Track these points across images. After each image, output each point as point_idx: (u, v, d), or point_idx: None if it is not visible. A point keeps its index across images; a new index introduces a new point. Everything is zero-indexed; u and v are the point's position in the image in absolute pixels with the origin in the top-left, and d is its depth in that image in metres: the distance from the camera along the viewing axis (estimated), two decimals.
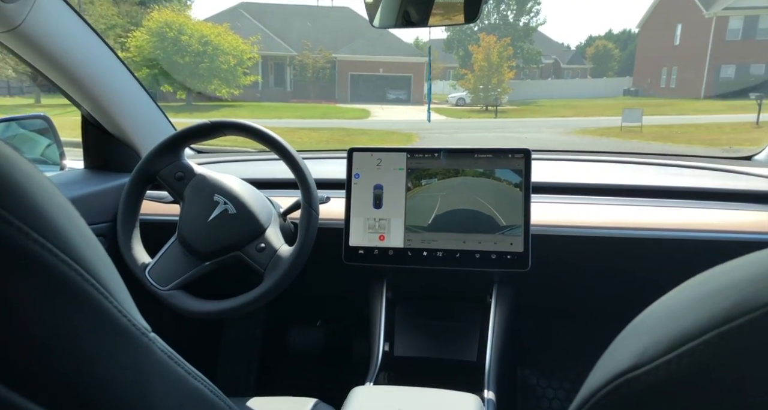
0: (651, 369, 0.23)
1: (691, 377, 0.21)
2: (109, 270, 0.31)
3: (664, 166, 1.28)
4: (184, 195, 1.00)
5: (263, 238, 0.97)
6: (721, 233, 0.99)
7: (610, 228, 1.02)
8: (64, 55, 1.03)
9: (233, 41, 16.91)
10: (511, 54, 23.73)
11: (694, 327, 0.22)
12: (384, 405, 0.73)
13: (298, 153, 0.98)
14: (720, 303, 0.22)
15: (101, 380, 0.29)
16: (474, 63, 22.26)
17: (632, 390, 0.23)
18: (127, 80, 1.22)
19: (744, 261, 0.24)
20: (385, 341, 1.04)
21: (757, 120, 11.55)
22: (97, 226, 1.12)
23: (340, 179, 1.06)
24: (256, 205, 1.00)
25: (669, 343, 0.23)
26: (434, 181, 1.01)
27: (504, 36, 24.86)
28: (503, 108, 20.78)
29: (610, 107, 16.73)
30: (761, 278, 0.21)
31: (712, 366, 0.21)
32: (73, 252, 0.27)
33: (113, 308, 0.30)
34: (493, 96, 21.62)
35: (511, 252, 0.97)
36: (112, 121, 1.20)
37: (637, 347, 0.24)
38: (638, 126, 11.41)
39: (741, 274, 0.23)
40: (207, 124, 1.01)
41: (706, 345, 0.21)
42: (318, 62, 23.80)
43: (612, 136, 10.73)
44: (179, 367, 0.36)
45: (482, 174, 0.99)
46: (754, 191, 1.10)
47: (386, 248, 1.01)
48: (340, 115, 16.55)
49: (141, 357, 0.32)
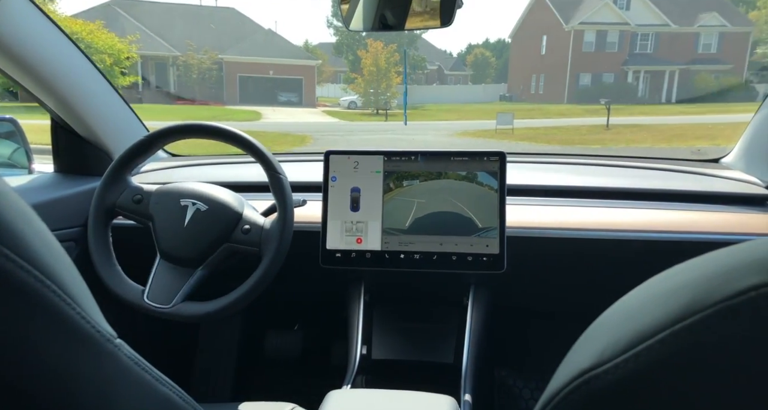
0: (610, 368, 0.23)
1: (648, 375, 0.22)
2: (72, 276, 0.31)
3: (635, 169, 1.30)
4: (150, 213, 0.98)
5: (244, 220, 0.97)
6: (688, 234, 1.01)
7: (583, 230, 1.04)
8: (31, 55, 1.00)
9: (108, 39, 15.82)
10: (398, 60, 24.77)
11: (650, 325, 0.22)
12: (359, 408, 0.73)
13: (273, 155, 0.97)
14: (675, 302, 0.22)
15: (63, 386, 0.28)
16: (363, 68, 22.93)
17: (593, 389, 0.24)
18: (97, 81, 1.19)
19: (699, 260, 0.24)
20: (363, 344, 1.03)
21: (606, 123, 13.32)
22: (68, 231, 1.10)
23: (317, 182, 1.04)
24: (224, 195, 0.99)
25: (627, 342, 0.23)
26: (411, 183, 1.01)
27: (390, 42, 25.85)
28: (393, 111, 21.65)
29: (488, 111, 18.20)
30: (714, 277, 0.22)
31: (668, 364, 0.21)
32: (32, 258, 0.26)
33: (75, 314, 0.29)
34: (383, 100, 22.44)
35: (487, 254, 0.97)
36: (83, 123, 1.17)
37: (597, 347, 0.25)
38: (510, 128, 12.62)
39: (695, 274, 0.23)
40: (142, 141, 1.00)
41: (662, 344, 0.21)
42: (204, 63, 22.99)
43: (488, 138, 11.78)
44: (146, 373, 0.36)
45: (458, 176, 1.00)
46: (719, 193, 1.12)
47: (364, 251, 1.00)
48: (230, 117, 16.21)
49: (105, 363, 0.32)
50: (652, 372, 0.22)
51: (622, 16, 26.40)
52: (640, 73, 27.07)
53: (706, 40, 27.12)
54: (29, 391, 0.27)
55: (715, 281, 0.22)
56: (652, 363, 0.22)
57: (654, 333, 0.22)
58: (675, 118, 15.21)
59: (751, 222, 1.04)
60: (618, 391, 0.23)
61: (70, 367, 0.29)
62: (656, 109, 20.35)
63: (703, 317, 0.21)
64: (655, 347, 0.22)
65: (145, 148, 1.00)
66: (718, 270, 0.22)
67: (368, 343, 1.05)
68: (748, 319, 0.20)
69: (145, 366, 0.36)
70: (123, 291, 0.95)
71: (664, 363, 0.21)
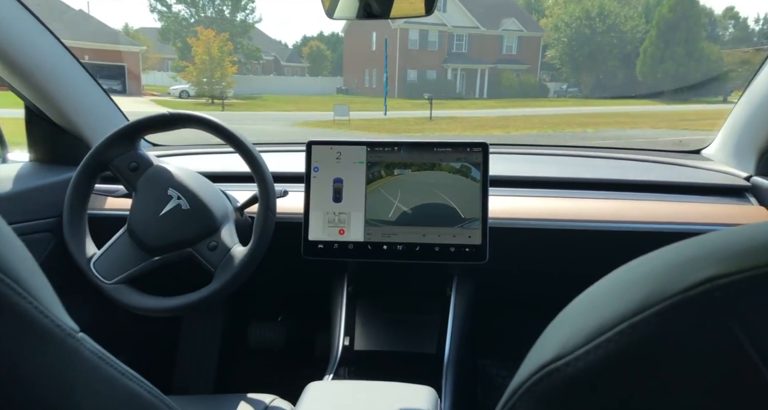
0: (571, 360, 0.23)
1: (608, 366, 0.22)
2: (29, 269, 0.30)
3: (616, 160, 1.31)
4: (137, 186, 0.97)
5: (216, 236, 0.95)
6: (668, 224, 1.02)
7: (565, 221, 1.05)
8: (4, 41, 0.97)
9: None
10: (232, 49, 24.20)
11: (610, 317, 0.22)
12: (338, 400, 0.73)
13: (254, 146, 0.96)
14: (636, 293, 0.22)
15: (20, 381, 0.28)
16: (195, 56, 21.96)
17: (555, 380, 0.24)
18: (73, 68, 1.15)
19: (661, 252, 0.24)
20: (346, 335, 1.04)
21: (430, 115, 14.96)
22: (43, 221, 1.08)
23: (299, 173, 1.03)
24: (212, 202, 0.97)
25: (588, 334, 0.23)
26: (394, 174, 1.00)
27: (222, 31, 25.07)
28: (229, 101, 21.19)
29: (326, 103, 18.93)
30: (673, 268, 0.22)
31: (627, 355, 0.21)
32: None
33: (32, 308, 0.28)
34: (218, 89, 21.79)
35: (469, 245, 0.97)
36: (59, 111, 1.13)
37: (560, 338, 0.25)
38: (347, 120, 13.49)
39: (656, 264, 0.23)
40: (166, 116, 0.98)
41: (621, 335, 0.21)
42: None
43: (325, 128, 12.48)
44: (111, 368, 0.35)
45: (441, 167, 0.99)
46: (699, 184, 1.13)
47: (346, 242, 1.00)
48: None
49: (66, 358, 0.31)
50: (612, 363, 0.22)
51: (440, 17, 29.16)
52: (458, 70, 30.28)
53: (508, 43, 31.37)
54: None
55: (673, 272, 0.22)
56: (612, 355, 0.22)
57: (614, 325, 0.22)
58: (484, 111, 17.71)
59: (731, 212, 1.05)
60: (579, 383, 0.23)
61: (28, 363, 0.28)
62: (471, 104, 23.20)
63: (660, 309, 0.21)
64: (614, 338, 0.22)
65: (164, 122, 0.98)
66: (678, 261, 0.22)
67: (351, 334, 1.05)
68: (703, 311, 0.20)
69: (110, 360, 0.35)
70: (76, 248, 0.95)
71: (624, 355, 0.22)
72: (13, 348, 0.27)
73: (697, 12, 28.38)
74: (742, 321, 0.19)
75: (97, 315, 1.10)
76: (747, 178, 1.13)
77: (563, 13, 31.34)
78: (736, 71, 32.57)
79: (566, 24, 30.71)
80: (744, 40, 42.60)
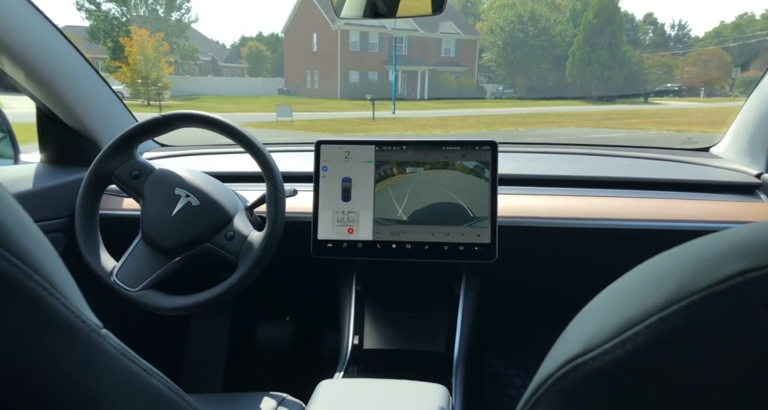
0: (598, 354, 0.23)
1: (636, 360, 0.22)
2: (56, 265, 0.30)
3: (625, 158, 1.31)
4: (144, 192, 0.97)
5: (231, 226, 0.96)
6: (679, 222, 1.02)
7: (575, 219, 1.04)
8: (16, 43, 0.98)
9: None
10: (168, 50, 23.50)
11: (638, 312, 0.23)
12: (351, 398, 0.73)
13: (262, 143, 0.97)
14: (663, 288, 0.22)
15: (46, 377, 0.28)
16: (129, 56, 21.18)
17: (581, 374, 0.24)
18: (83, 69, 1.16)
19: (687, 246, 0.25)
20: (355, 334, 1.04)
21: (372, 116, 15.25)
22: (55, 222, 1.09)
23: (308, 172, 1.04)
24: (220, 195, 0.99)
25: (615, 328, 0.23)
26: (403, 173, 1.01)
27: (157, 30, 24.29)
28: (167, 102, 20.60)
29: (267, 104, 18.84)
30: (701, 262, 0.22)
31: (655, 350, 0.22)
32: (13, 247, 0.26)
33: (59, 304, 0.29)
34: (154, 90, 21.13)
35: (478, 244, 0.97)
36: (70, 112, 1.14)
37: (586, 333, 0.25)
38: (290, 120, 13.54)
39: (683, 259, 0.23)
40: (158, 119, 0.98)
41: (649, 329, 0.22)
42: None
43: (269, 128, 12.49)
44: (133, 364, 0.36)
45: (450, 166, 1.00)
46: (709, 182, 1.13)
47: (355, 241, 1.00)
48: None
49: (90, 353, 0.32)
50: (640, 357, 0.22)
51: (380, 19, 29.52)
52: (399, 72, 30.82)
53: (446, 46, 32.26)
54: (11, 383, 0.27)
55: (701, 267, 0.22)
56: (640, 349, 0.22)
57: (642, 319, 0.22)
58: (425, 112, 18.25)
59: (740, 210, 1.05)
60: (606, 377, 0.23)
61: (54, 357, 0.29)
62: (413, 104, 23.74)
63: (689, 303, 0.21)
64: (643, 332, 0.22)
65: (157, 125, 0.98)
66: (705, 256, 0.22)
67: (360, 333, 1.05)
68: (734, 304, 0.20)
69: (132, 356, 0.36)
70: (95, 263, 0.95)
71: (652, 349, 0.22)
72: (39, 341, 0.28)
73: (620, 17, 30.34)
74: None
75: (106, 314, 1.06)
76: (758, 175, 1.12)
77: (498, 17, 32.62)
78: (654, 74, 35.05)
79: (501, 28, 31.99)
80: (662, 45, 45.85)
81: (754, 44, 45.42)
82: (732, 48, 44.85)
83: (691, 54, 44.14)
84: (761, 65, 39.13)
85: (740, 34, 47.12)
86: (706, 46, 46.03)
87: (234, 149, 1.35)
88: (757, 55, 43.27)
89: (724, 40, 47.13)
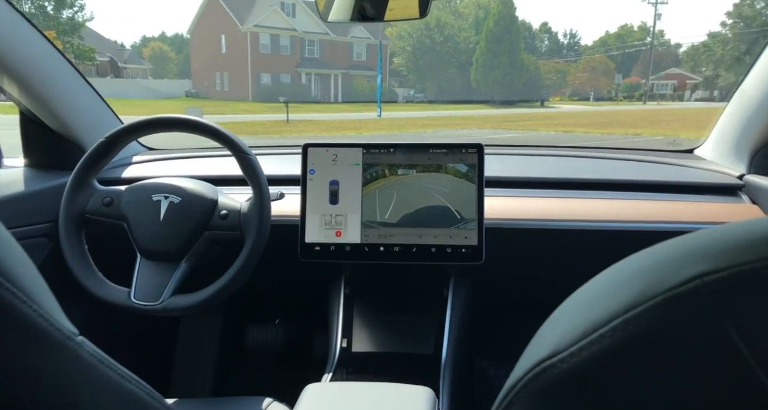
0: (566, 357, 0.24)
1: (602, 362, 0.22)
2: (29, 273, 0.30)
3: (610, 160, 1.31)
4: (123, 213, 0.97)
5: (220, 206, 0.97)
6: (662, 223, 1.03)
7: (561, 221, 1.05)
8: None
9: None
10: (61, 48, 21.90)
11: (603, 314, 0.23)
12: (336, 401, 0.73)
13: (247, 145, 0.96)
14: (629, 290, 0.23)
15: (20, 385, 0.28)
16: None
17: (550, 376, 0.24)
18: (67, 72, 1.15)
19: (653, 249, 0.25)
20: (343, 337, 1.04)
21: (287, 119, 15.28)
22: (40, 227, 1.08)
23: (295, 175, 1.04)
24: (196, 186, 0.99)
25: (582, 330, 0.23)
26: (390, 176, 1.01)
27: (46, 28, 22.55)
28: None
29: (174, 107, 18.17)
30: (666, 264, 0.22)
31: (620, 351, 0.22)
32: None
33: (32, 312, 0.29)
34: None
35: (465, 246, 0.98)
36: (54, 115, 1.13)
37: (555, 335, 0.25)
38: None
39: (648, 261, 0.24)
40: (103, 142, 0.98)
41: (614, 331, 0.22)
42: None
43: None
44: (111, 370, 0.35)
45: (437, 169, 1.00)
46: (692, 183, 1.14)
47: (343, 244, 1.00)
48: None
49: (66, 360, 0.31)
50: (606, 359, 0.22)
51: (290, 22, 29.51)
52: (311, 75, 30.91)
53: (358, 50, 32.83)
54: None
55: (664, 269, 0.22)
56: (605, 351, 0.22)
57: (607, 321, 0.22)
58: (339, 115, 18.60)
59: (723, 211, 1.06)
60: (574, 379, 0.24)
61: (28, 366, 0.28)
62: (327, 107, 23.96)
63: (653, 305, 0.21)
64: (608, 334, 0.22)
65: (107, 149, 0.98)
66: (668, 258, 0.23)
67: (348, 336, 1.06)
68: (693, 307, 0.20)
69: (109, 363, 0.36)
70: (108, 295, 0.94)
71: (617, 350, 0.22)
72: (11, 350, 0.27)
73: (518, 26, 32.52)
74: (732, 317, 0.20)
75: (94, 318, 1.09)
76: (740, 177, 1.14)
77: (405, 23, 33.68)
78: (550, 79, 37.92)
79: (409, 34, 33.12)
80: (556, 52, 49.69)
81: (632, 53, 50.59)
82: (615, 56, 49.59)
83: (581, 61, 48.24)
84: (640, 72, 43.84)
85: (622, 43, 52.23)
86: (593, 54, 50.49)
87: (220, 152, 1.36)
88: (636, 62, 48.27)
89: (609, 48, 51.97)
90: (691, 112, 18.59)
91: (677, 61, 49.00)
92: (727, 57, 42.17)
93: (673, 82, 39.39)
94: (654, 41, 44.83)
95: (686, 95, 36.58)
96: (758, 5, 42.15)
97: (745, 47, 41.08)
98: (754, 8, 42.03)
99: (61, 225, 0.97)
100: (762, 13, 41.94)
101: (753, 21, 41.58)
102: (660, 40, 55.15)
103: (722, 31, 44.09)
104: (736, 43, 41.73)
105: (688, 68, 43.94)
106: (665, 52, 52.64)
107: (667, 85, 39.34)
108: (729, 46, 42.09)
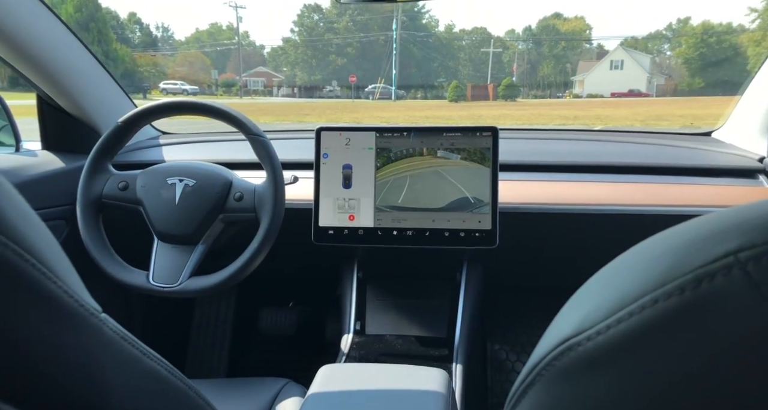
0: (591, 334, 0.23)
1: (629, 339, 0.22)
2: (54, 252, 0.31)
3: (626, 143, 1.30)
4: (139, 197, 0.98)
5: (235, 188, 0.97)
6: (680, 207, 1.03)
7: (576, 205, 1.05)
8: (14, 29, 0.97)
9: None
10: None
11: (631, 292, 0.23)
12: (351, 382, 0.72)
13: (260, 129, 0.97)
14: (656, 268, 0.23)
15: (46, 361, 0.29)
16: None
17: (575, 354, 0.24)
18: (83, 56, 1.15)
19: (682, 227, 0.25)
20: (357, 320, 1.06)
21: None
22: (57, 209, 1.09)
23: (308, 159, 1.03)
24: (209, 168, 1.00)
25: (608, 308, 0.23)
26: (404, 159, 1.00)
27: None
28: None
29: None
30: (695, 242, 0.22)
31: (647, 329, 0.22)
32: (11, 232, 0.26)
33: (57, 288, 0.29)
34: None
35: (479, 230, 0.97)
36: (70, 99, 1.14)
37: (579, 314, 0.25)
38: None
39: (677, 240, 0.24)
40: (119, 127, 0.99)
41: (642, 308, 0.22)
42: None
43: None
44: (133, 347, 0.36)
45: (451, 152, 0.99)
46: (711, 166, 1.14)
47: (356, 228, 1.00)
48: None
49: (90, 337, 0.32)
50: (634, 336, 0.22)
51: None
52: None
53: None
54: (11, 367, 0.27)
55: (695, 246, 0.22)
56: (633, 328, 0.22)
57: (634, 299, 0.22)
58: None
59: (743, 194, 1.06)
60: (599, 356, 0.23)
61: (53, 342, 0.29)
62: None
63: (682, 282, 0.21)
64: (635, 312, 0.22)
65: (122, 133, 0.99)
66: (699, 236, 0.23)
67: (362, 319, 1.07)
68: (722, 284, 0.20)
69: (132, 340, 0.36)
70: (127, 279, 0.96)
71: (645, 328, 0.22)
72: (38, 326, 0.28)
73: (103, 14, 30.39)
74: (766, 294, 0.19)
75: (110, 301, 1.13)
76: (760, 159, 1.14)
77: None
78: (149, 72, 37.20)
79: None
80: (151, 45, 48.66)
81: (225, 51, 54.45)
82: (210, 52, 52.35)
83: (178, 55, 48.89)
84: (234, 68, 47.77)
85: (214, 40, 55.39)
86: (189, 49, 51.84)
87: (234, 137, 1.37)
88: (229, 59, 52.25)
89: (204, 45, 54.27)
90: (278, 106, 21.15)
91: (264, 61, 55.41)
92: (299, 59, 50.90)
93: (263, 80, 44.77)
94: (242, 41, 49.39)
95: (274, 91, 42.34)
96: (315, 17, 52.29)
97: (311, 52, 50.39)
98: (312, 19, 51.94)
99: (78, 210, 0.98)
100: (317, 24, 52.29)
101: (312, 30, 51.50)
102: (247, 41, 60.50)
103: (293, 37, 52.85)
104: (304, 48, 50.79)
105: (273, 67, 50.45)
106: (253, 51, 57.71)
107: (258, 81, 44.21)
108: (299, 50, 50.85)
